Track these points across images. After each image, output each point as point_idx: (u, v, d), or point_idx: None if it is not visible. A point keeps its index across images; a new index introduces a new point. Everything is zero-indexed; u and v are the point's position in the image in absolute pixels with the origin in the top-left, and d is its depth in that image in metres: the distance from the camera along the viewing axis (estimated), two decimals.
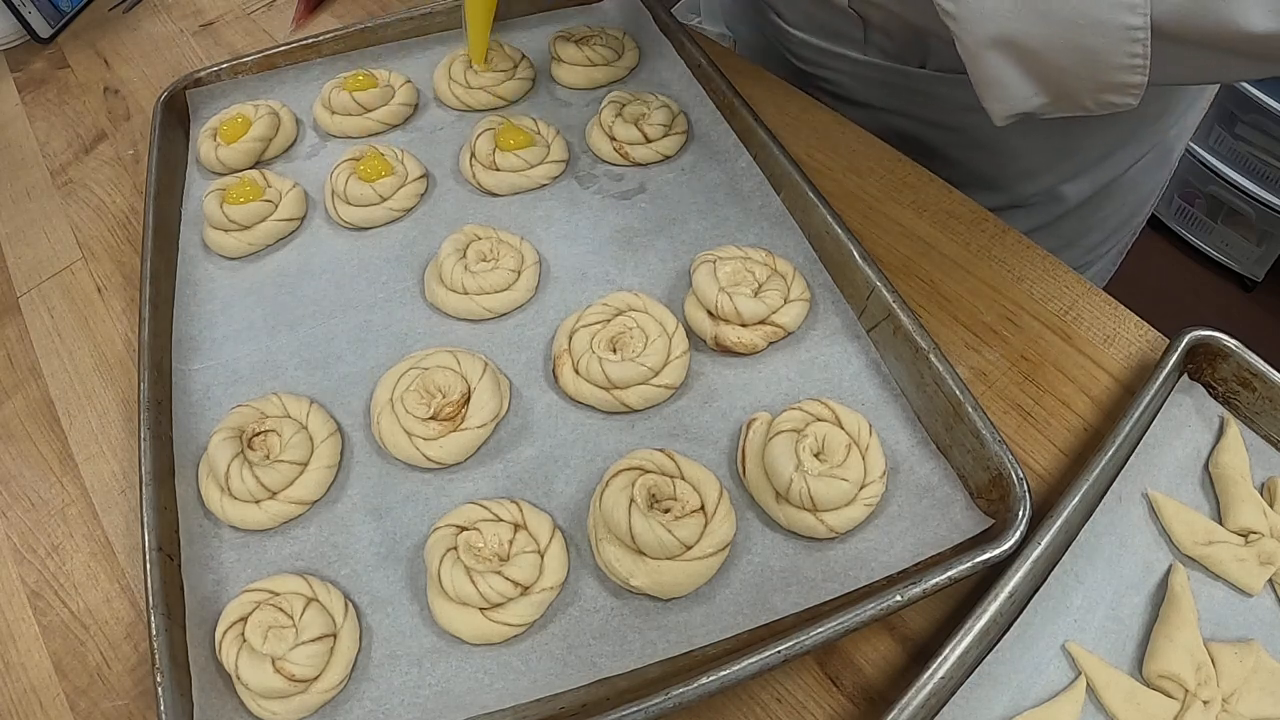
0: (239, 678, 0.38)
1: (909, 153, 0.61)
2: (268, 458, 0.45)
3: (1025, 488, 0.39)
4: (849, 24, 0.61)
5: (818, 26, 0.64)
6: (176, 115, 0.65)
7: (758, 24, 0.74)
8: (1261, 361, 0.43)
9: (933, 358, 0.44)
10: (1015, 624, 0.37)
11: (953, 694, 0.35)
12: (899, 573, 0.40)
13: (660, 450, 0.43)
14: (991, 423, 0.41)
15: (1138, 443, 0.42)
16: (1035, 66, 0.40)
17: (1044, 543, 0.38)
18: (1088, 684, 0.36)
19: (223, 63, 0.67)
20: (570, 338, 0.48)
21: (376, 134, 0.64)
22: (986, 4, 0.38)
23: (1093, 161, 0.68)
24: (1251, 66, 0.38)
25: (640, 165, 0.59)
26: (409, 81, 0.66)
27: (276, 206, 0.57)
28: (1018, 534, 0.38)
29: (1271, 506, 0.41)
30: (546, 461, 0.46)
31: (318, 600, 0.40)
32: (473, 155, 0.59)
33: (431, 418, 0.45)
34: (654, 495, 0.41)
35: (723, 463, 0.45)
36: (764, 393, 0.47)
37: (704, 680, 0.35)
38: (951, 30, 0.40)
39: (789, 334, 0.49)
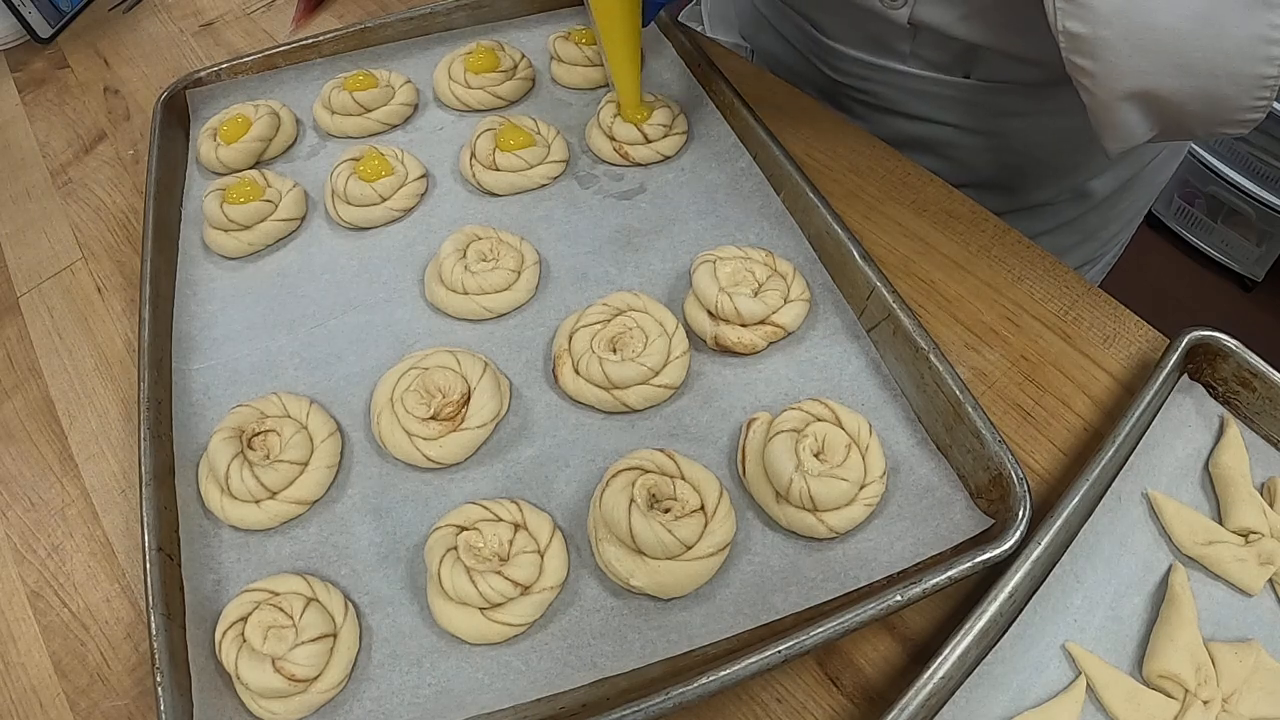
0: (239, 678, 0.38)
1: (936, 157, 0.61)
2: (268, 458, 0.45)
3: (1025, 488, 0.39)
4: (896, 37, 0.61)
5: (863, 40, 0.64)
6: (176, 115, 0.65)
7: (784, 35, 0.73)
8: (1261, 361, 0.43)
9: (933, 358, 0.44)
10: (1015, 624, 0.37)
11: (953, 694, 0.35)
12: (899, 573, 0.40)
13: (660, 450, 0.43)
14: (991, 423, 0.41)
15: (1138, 443, 0.42)
16: (1163, 111, 0.41)
17: (1044, 543, 0.38)
18: (1088, 684, 0.36)
19: (223, 63, 0.67)
20: (570, 338, 0.48)
21: (376, 134, 0.64)
22: (1127, 62, 0.39)
23: (1121, 155, 0.69)
24: None
25: (640, 165, 0.59)
26: (409, 81, 0.66)
27: (276, 206, 0.57)
28: (1018, 534, 0.38)
29: (1271, 506, 0.41)
30: (546, 461, 0.46)
31: (318, 600, 0.40)
32: (473, 155, 0.59)
33: (431, 418, 0.45)
34: (654, 495, 0.41)
35: (723, 463, 0.45)
36: (764, 393, 0.47)
37: (704, 680, 0.35)
38: (1084, 85, 0.42)
39: (789, 334, 0.49)
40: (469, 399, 0.46)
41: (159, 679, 0.37)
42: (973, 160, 0.68)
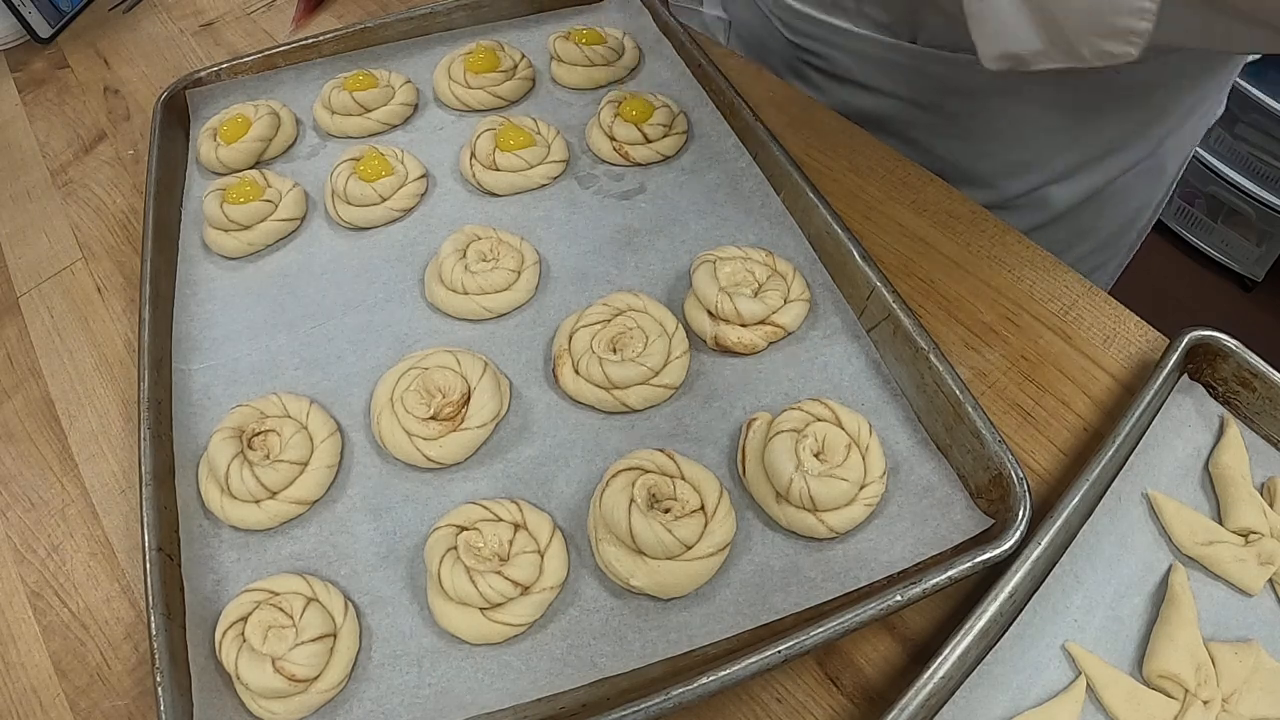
0: (239, 678, 0.38)
1: (897, 139, 0.61)
2: (268, 458, 0.45)
3: (1025, 488, 0.39)
4: None
5: None
6: (176, 115, 0.65)
7: (754, 2, 0.74)
8: (1261, 361, 0.43)
9: (933, 358, 0.44)
10: (1015, 624, 0.37)
11: (953, 694, 0.35)
12: (899, 573, 0.40)
13: (660, 450, 0.43)
14: (991, 423, 0.41)
15: (1138, 443, 0.42)
16: (1041, 4, 0.39)
17: (1044, 543, 0.38)
18: (1088, 684, 0.36)
19: (223, 63, 0.67)
20: (570, 338, 0.48)
21: (376, 134, 0.64)
22: None
23: (1081, 164, 0.68)
24: (1254, 34, 0.37)
25: (640, 165, 0.59)
26: (409, 81, 0.66)
27: (276, 206, 0.57)
28: (1018, 534, 0.38)
29: (1271, 506, 0.41)
30: (546, 461, 0.46)
31: (318, 600, 0.40)
32: (473, 155, 0.59)
33: (431, 418, 0.45)
34: (654, 495, 0.41)
35: (723, 463, 0.45)
36: (764, 393, 0.47)
37: (704, 680, 0.35)
38: None
39: (789, 334, 0.49)
40: (469, 399, 0.46)
41: (159, 679, 0.37)
42: (927, 142, 0.68)
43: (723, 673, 0.35)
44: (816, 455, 0.42)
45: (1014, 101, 0.63)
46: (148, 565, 0.40)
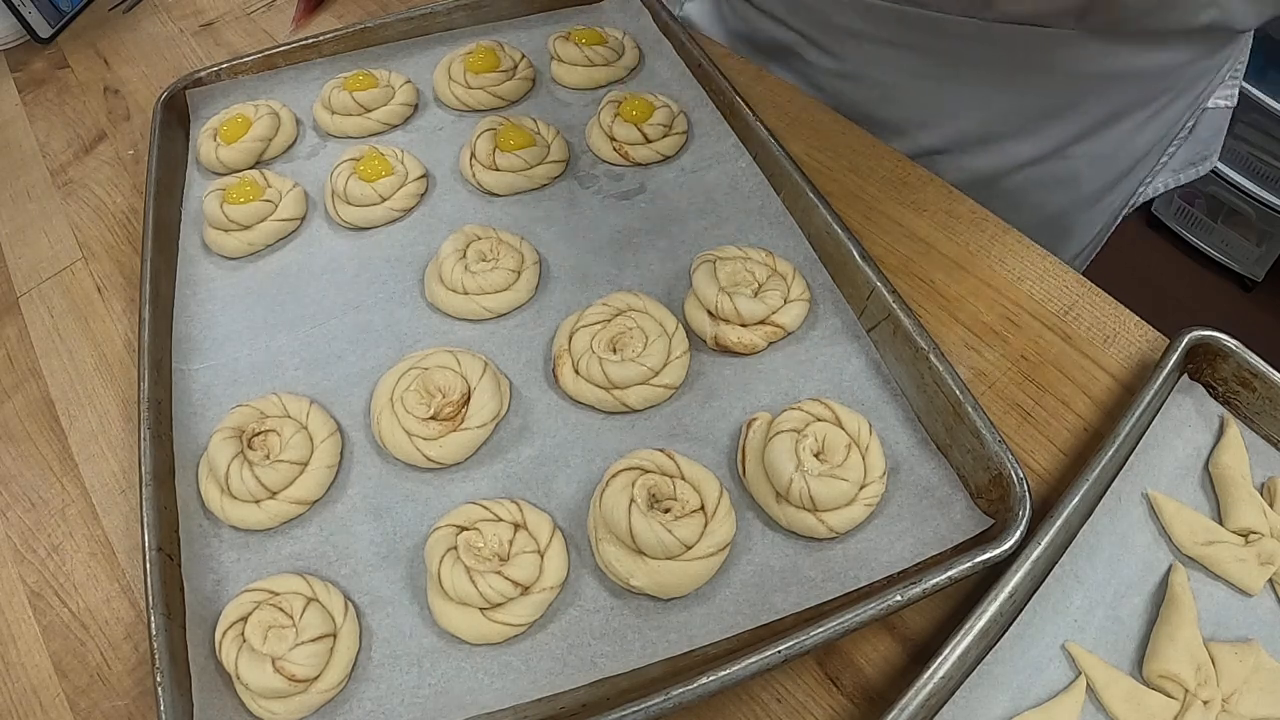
0: (239, 677, 0.38)
1: (795, 75, 0.66)
2: (268, 458, 0.45)
3: (1025, 488, 0.39)
4: None
5: None
6: (176, 115, 0.65)
7: None
8: (1261, 361, 0.43)
9: (933, 358, 0.44)
10: (1015, 624, 0.37)
11: (953, 694, 0.35)
12: (899, 573, 0.40)
13: (660, 450, 0.43)
14: (991, 423, 0.41)
15: (1138, 443, 0.42)
16: None
17: (1044, 543, 0.38)
18: (1088, 684, 0.36)
19: (223, 63, 0.67)
20: (570, 338, 0.48)
21: (376, 134, 0.64)
22: None
23: (969, 140, 0.66)
24: None
25: (640, 165, 0.59)
26: (409, 81, 0.66)
27: (276, 206, 0.57)
28: (1018, 534, 0.38)
29: (1271, 506, 0.41)
30: (546, 461, 0.46)
31: (318, 600, 0.40)
32: (473, 155, 0.59)
33: (431, 418, 0.45)
34: (654, 495, 0.41)
35: (723, 463, 0.45)
36: (764, 393, 0.47)
37: (704, 680, 0.35)
38: None
39: (789, 334, 0.49)
40: (469, 399, 0.46)
41: (159, 679, 0.37)
42: (823, 82, 0.69)
43: (723, 673, 0.35)
44: (816, 455, 0.42)
45: (883, 49, 0.64)
46: (148, 565, 0.40)
